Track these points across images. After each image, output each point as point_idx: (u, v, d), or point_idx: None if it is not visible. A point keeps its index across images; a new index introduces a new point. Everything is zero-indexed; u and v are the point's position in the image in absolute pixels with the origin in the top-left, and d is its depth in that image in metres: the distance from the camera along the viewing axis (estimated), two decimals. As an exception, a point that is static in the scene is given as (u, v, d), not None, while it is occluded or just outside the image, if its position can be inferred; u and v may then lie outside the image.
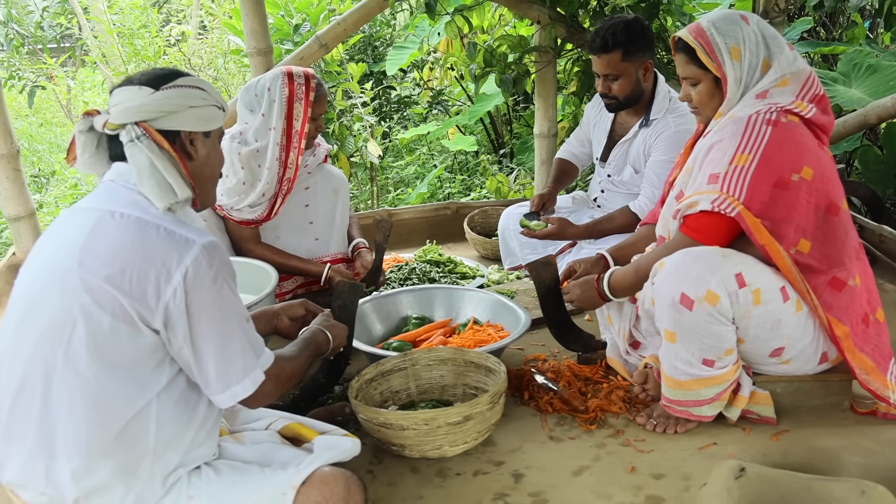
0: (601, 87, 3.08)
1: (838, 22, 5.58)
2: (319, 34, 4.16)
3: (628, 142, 3.20)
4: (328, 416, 2.14)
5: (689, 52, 2.19)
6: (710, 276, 1.98)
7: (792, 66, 2.14)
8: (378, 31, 6.94)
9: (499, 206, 4.22)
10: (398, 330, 2.84)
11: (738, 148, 2.06)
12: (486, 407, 2.02)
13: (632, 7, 4.03)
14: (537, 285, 2.54)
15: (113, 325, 1.46)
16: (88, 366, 1.46)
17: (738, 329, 2.06)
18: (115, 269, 1.46)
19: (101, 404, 1.47)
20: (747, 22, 2.15)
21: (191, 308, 1.49)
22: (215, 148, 1.73)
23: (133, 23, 8.23)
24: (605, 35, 2.95)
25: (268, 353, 1.66)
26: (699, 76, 2.20)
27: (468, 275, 3.54)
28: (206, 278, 1.50)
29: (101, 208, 1.54)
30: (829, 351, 2.15)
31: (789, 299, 2.04)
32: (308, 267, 3.01)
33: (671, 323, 2.06)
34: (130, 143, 1.56)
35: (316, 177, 3.11)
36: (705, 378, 2.08)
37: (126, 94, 1.60)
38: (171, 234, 1.51)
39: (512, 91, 4.19)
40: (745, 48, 2.12)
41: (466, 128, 6.68)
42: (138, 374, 1.51)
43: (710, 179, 2.09)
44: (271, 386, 1.64)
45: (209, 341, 1.52)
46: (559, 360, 2.64)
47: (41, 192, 6.82)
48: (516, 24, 5.48)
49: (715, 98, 2.20)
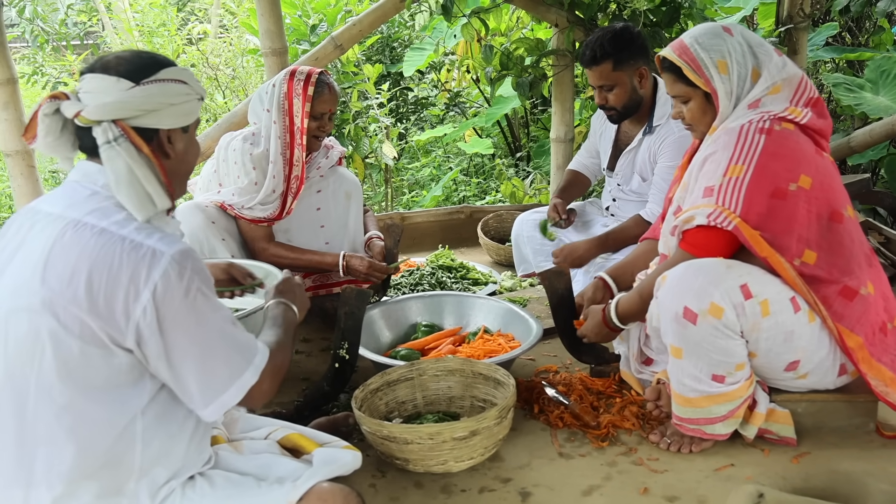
0: (598, 98, 3.05)
1: (864, 27, 5.48)
2: (335, 35, 4.12)
3: (633, 150, 3.16)
4: (331, 426, 2.10)
5: (675, 70, 2.15)
6: (714, 288, 1.92)
7: (782, 72, 2.09)
8: (396, 32, 6.91)
9: (514, 210, 4.16)
10: (407, 337, 2.79)
11: (731, 159, 2.01)
12: (494, 422, 1.96)
13: (652, 11, 3.96)
14: (549, 295, 2.48)
15: (83, 350, 1.37)
16: (61, 392, 1.38)
17: (748, 343, 1.98)
18: (80, 290, 1.36)
19: (81, 429, 1.39)
20: (730, 33, 2.11)
21: (163, 325, 1.38)
22: (192, 142, 1.62)
23: (153, 21, 8.25)
24: (594, 47, 2.93)
25: (262, 351, 1.54)
26: (689, 93, 2.16)
27: (480, 281, 3.49)
28: (178, 292, 1.39)
29: (65, 216, 1.43)
30: (846, 363, 2.07)
31: (801, 310, 1.97)
32: (324, 258, 2.96)
33: (676, 338, 1.99)
34: (107, 144, 1.45)
35: (328, 179, 3.06)
36: (715, 395, 2.01)
37: (100, 83, 1.47)
38: (137, 246, 1.39)
39: (528, 94, 4.14)
40: (732, 60, 2.08)
41: (483, 130, 6.63)
42: (117, 394, 1.42)
43: (705, 193, 2.03)
44: (269, 383, 1.54)
45: (187, 357, 1.42)
46: (571, 373, 2.57)
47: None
48: (534, 27, 5.43)
49: (707, 114, 2.16)
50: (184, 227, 1.78)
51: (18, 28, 7.74)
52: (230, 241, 2.94)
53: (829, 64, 5.45)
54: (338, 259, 2.94)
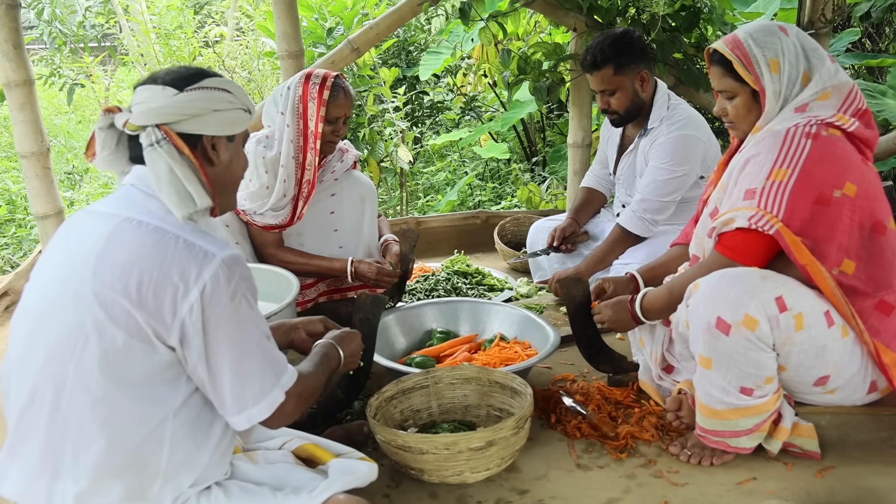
0: (600, 103, 3.07)
1: (885, 33, 5.42)
2: (351, 38, 4.11)
3: (632, 153, 3.17)
4: (345, 435, 2.07)
5: (725, 64, 2.10)
6: (749, 299, 1.87)
7: (833, 78, 2.04)
8: (413, 35, 6.90)
9: (531, 215, 4.13)
10: (422, 344, 2.76)
11: (775, 162, 1.96)
12: (511, 432, 1.93)
13: (671, 16, 3.92)
14: (567, 302, 2.45)
15: (127, 343, 1.40)
16: (99, 384, 1.40)
17: (779, 356, 1.94)
18: (131, 283, 1.39)
19: (113, 424, 1.41)
20: (786, 34, 2.06)
21: (207, 325, 1.42)
22: (238, 152, 1.66)
23: (170, 23, 8.29)
24: (595, 52, 2.95)
25: (290, 372, 1.58)
26: (736, 89, 2.11)
27: (496, 287, 3.46)
28: (225, 294, 1.43)
29: (120, 214, 1.48)
30: (878, 380, 2.02)
31: (834, 324, 1.92)
32: (332, 264, 2.94)
33: (706, 348, 1.95)
34: (150, 147, 1.49)
35: (343, 183, 3.04)
36: (743, 408, 1.96)
37: (148, 94, 1.53)
38: (191, 245, 1.44)
39: (546, 99, 4.11)
40: (785, 60, 2.03)
41: (499, 135, 6.60)
42: (153, 392, 1.44)
43: (747, 195, 1.98)
44: (293, 405, 1.56)
45: (225, 360, 1.45)
46: (589, 382, 2.54)
47: (74, 189, 6.87)
48: (552, 31, 5.40)
49: (752, 112, 2.11)
50: None
51: (37, 30, 7.79)
52: (244, 245, 2.94)
53: (849, 70, 5.39)
54: (346, 265, 2.91)
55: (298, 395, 1.57)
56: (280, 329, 2.00)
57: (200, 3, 9.92)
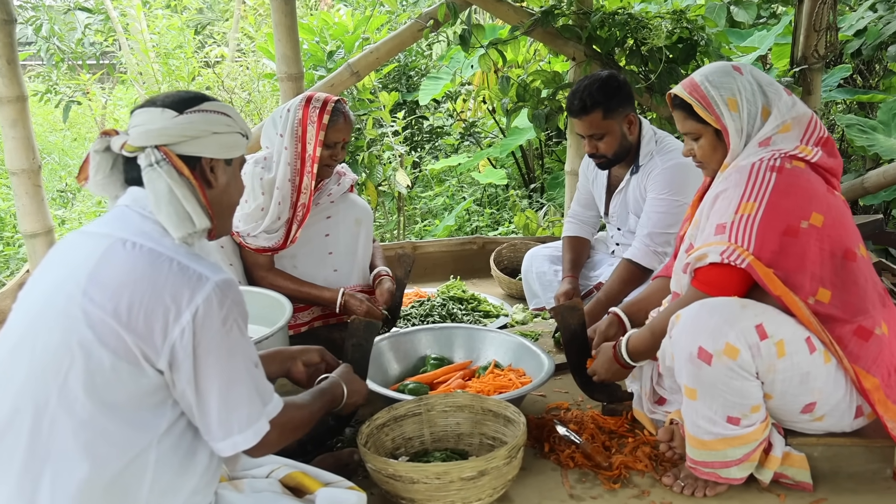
0: (588, 147, 3.03)
1: (875, 70, 5.49)
2: (351, 62, 4.14)
3: (623, 191, 3.15)
4: (335, 462, 2.05)
5: (686, 108, 2.16)
6: (729, 328, 1.88)
7: (792, 110, 2.10)
8: (413, 61, 6.95)
9: (529, 241, 4.13)
10: (415, 370, 2.74)
11: (742, 196, 2.00)
12: (503, 462, 1.91)
13: (669, 48, 3.95)
14: (562, 330, 2.45)
15: (114, 364, 1.38)
16: (84, 406, 1.37)
17: (763, 384, 1.94)
18: (122, 304, 1.38)
19: (96, 448, 1.38)
20: (740, 72, 2.13)
21: (198, 349, 1.41)
22: (236, 176, 1.66)
23: (170, 43, 8.33)
24: (583, 96, 2.90)
25: (276, 401, 1.57)
26: (699, 130, 2.17)
27: (491, 313, 3.46)
28: (217, 318, 1.42)
29: (113, 235, 1.47)
30: (863, 405, 2.02)
31: (816, 350, 1.93)
32: (322, 293, 2.92)
33: (690, 379, 1.95)
34: (149, 167, 1.49)
35: (339, 206, 3.04)
36: (731, 437, 1.96)
37: (147, 116, 1.53)
38: (184, 268, 1.43)
39: (544, 126, 4.13)
40: (742, 98, 2.09)
41: (497, 161, 6.63)
42: (138, 416, 1.42)
43: (717, 230, 2.02)
44: (276, 435, 1.55)
45: (214, 385, 1.43)
46: (583, 410, 2.52)
47: (66, 208, 6.85)
48: (551, 59, 5.44)
49: (718, 151, 2.16)
50: None
51: (34, 46, 7.82)
52: (238, 266, 2.92)
53: (841, 105, 5.45)
54: (336, 296, 2.89)
55: (283, 425, 1.57)
56: (277, 358, 1.99)
57: (202, 23, 9.99)
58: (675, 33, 3.96)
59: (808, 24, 4.16)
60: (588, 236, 3.43)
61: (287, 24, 3.83)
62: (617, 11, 3.98)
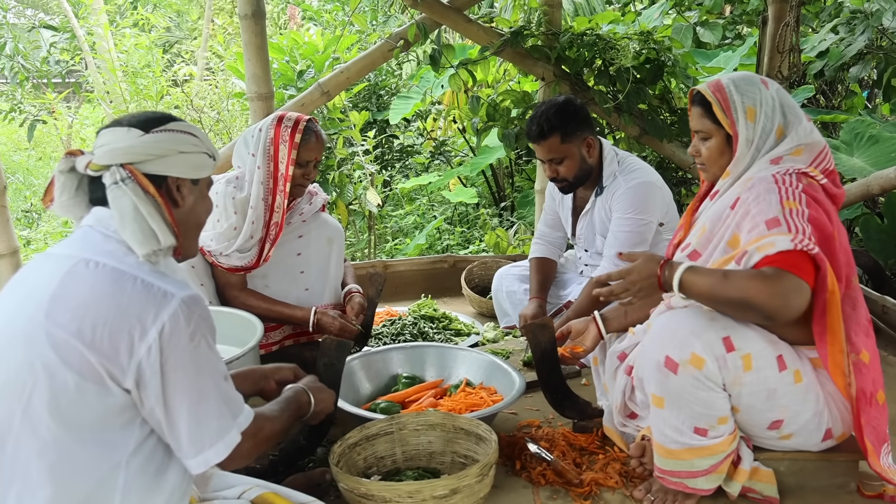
0: (548, 172, 3.06)
1: (837, 91, 5.63)
2: (322, 81, 4.15)
3: (589, 213, 3.18)
4: (307, 482, 2.03)
5: (704, 105, 2.16)
6: (696, 339, 1.91)
7: (808, 137, 2.10)
8: (383, 80, 6.97)
9: (499, 259, 4.15)
10: (387, 389, 2.73)
11: (780, 195, 1.95)
12: (475, 479, 1.91)
13: (636, 68, 4.02)
14: (533, 348, 2.46)
15: (79, 385, 1.36)
16: (49, 428, 1.35)
17: (731, 396, 1.97)
18: (86, 324, 1.36)
19: (62, 471, 1.36)
20: (767, 87, 2.13)
21: (165, 366, 1.39)
22: (203, 196, 1.65)
23: (138, 62, 8.28)
24: (540, 121, 2.94)
25: (246, 412, 1.55)
26: (712, 131, 2.16)
27: (463, 332, 3.46)
28: (184, 335, 1.40)
29: (76, 256, 1.45)
30: (833, 427, 2.05)
31: (787, 369, 1.96)
32: (294, 312, 2.91)
33: (657, 387, 1.98)
34: (114, 185, 1.48)
35: (311, 225, 3.03)
36: (698, 448, 1.98)
37: (113, 136, 1.52)
38: (149, 286, 1.41)
39: (514, 146, 4.17)
40: (762, 111, 2.09)
41: (468, 179, 6.66)
42: (105, 437, 1.40)
43: (770, 224, 1.90)
44: (248, 447, 1.53)
45: (183, 402, 1.42)
46: (554, 427, 2.53)
47: (31, 228, 6.74)
48: (520, 79, 5.50)
49: (724, 156, 2.16)
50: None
51: (-3, 64, 7.73)
52: (209, 286, 2.90)
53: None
54: (308, 315, 2.88)
55: (254, 435, 1.55)
56: (250, 377, 1.97)
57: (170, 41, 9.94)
58: (642, 54, 4.03)
59: (771, 45, 4.26)
60: (555, 257, 3.45)
61: (257, 44, 3.83)
62: (585, 32, 4.05)
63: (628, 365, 2.30)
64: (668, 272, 1.96)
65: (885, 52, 4.68)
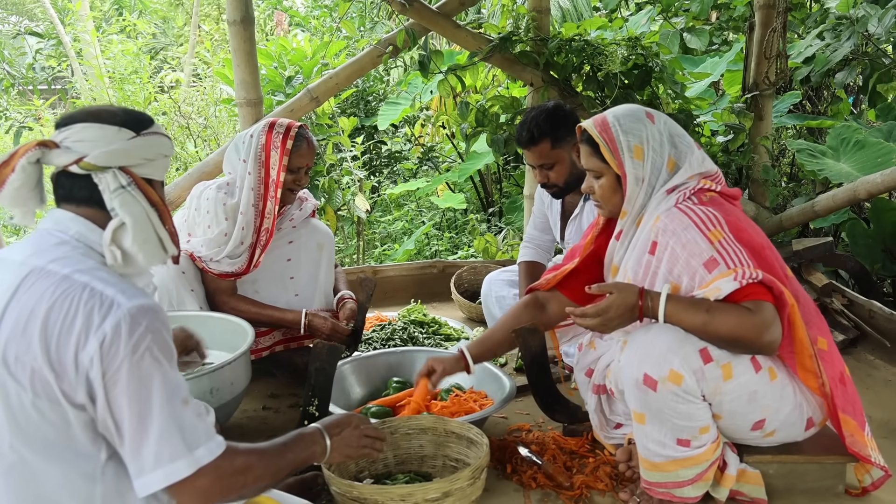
0: (539, 177, 3.07)
1: (824, 97, 5.68)
2: (311, 87, 4.15)
3: (577, 217, 3.19)
4: (300, 486, 2.03)
5: (593, 144, 2.15)
6: (673, 355, 1.91)
7: (701, 167, 2.11)
8: (371, 86, 6.98)
9: (488, 264, 4.16)
10: (378, 393, 2.73)
11: (700, 229, 1.96)
12: (467, 483, 1.92)
13: (624, 74, 4.05)
14: (523, 353, 2.46)
15: (35, 402, 1.31)
16: (12, 447, 1.31)
17: (711, 405, 1.98)
18: (35, 338, 1.30)
19: (31, 490, 1.31)
20: (653, 121, 2.13)
21: (105, 378, 1.31)
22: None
23: (125, 68, 8.25)
24: (530, 127, 2.95)
25: (213, 445, 1.39)
26: (602, 170, 2.15)
27: (452, 336, 3.47)
28: (124, 347, 1.31)
29: (28, 264, 1.38)
30: (814, 415, 2.08)
31: (761, 368, 1.97)
32: (284, 315, 2.90)
33: (638, 404, 1.98)
34: (120, 190, 1.42)
35: (301, 231, 3.04)
36: (682, 459, 1.99)
37: (101, 133, 1.44)
38: (96, 294, 1.33)
39: (503, 151, 4.17)
40: (649, 147, 2.09)
41: (456, 185, 6.67)
42: (73, 450, 1.34)
43: (709, 265, 1.93)
44: (209, 484, 1.37)
45: (124, 418, 1.32)
46: (544, 431, 2.54)
47: (18, 235, 6.69)
48: (509, 85, 5.52)
49: (617, 194, 2.15)
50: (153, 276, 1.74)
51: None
52: (199, 292, 2.89)
53: (791, 130, 5.62)
54: (299, 317, 2.88)
55: (221, 471, 1.39)
56: None
57: (157, 48, 9.91)
58: (630, 59, 4.05)
59: (758, 51, 4.29)
60: (543, 261, 3.46)
61: (246, 50, 3.82)
62: (573, 38, 4.06)
63: (594, 384, 2.32)
64: (651, 303, 1.96)
65: (871, 58, 4.72)
